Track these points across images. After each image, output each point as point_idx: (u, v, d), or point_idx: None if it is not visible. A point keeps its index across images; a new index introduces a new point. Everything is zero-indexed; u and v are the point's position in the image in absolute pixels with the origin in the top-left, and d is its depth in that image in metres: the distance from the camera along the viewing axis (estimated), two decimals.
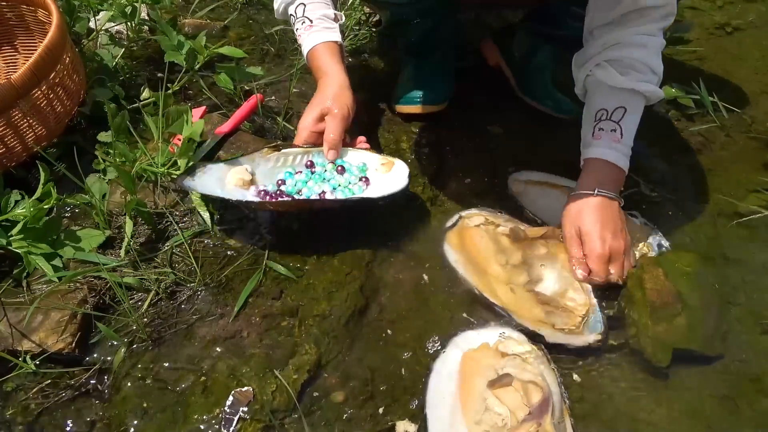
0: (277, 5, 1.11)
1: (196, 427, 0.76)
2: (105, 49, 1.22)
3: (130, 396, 0.79)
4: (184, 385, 0.80)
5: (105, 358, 0.82)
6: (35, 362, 0.78)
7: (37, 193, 0.91)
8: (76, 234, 0.91)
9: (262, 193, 0.97)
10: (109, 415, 0.77)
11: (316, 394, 0.81)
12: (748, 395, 0.85)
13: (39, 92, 0.96)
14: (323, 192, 0.97)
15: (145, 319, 0.86)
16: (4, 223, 0.89)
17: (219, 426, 0.76)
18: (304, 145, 1.01)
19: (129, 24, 1.27)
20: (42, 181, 0.91)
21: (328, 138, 0.99)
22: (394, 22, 1.24)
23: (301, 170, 1.01)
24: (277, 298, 0.90)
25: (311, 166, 1.01)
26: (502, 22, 1.45)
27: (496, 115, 1.28)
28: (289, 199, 0.97)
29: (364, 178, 1.00)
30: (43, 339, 0.80)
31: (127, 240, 0.92)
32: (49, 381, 0.80)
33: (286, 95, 1.25)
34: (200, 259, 0.93)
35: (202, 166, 0.96)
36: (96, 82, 1.14)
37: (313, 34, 1.05)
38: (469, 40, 1.42)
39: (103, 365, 0.82)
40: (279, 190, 0.98)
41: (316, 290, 0.91)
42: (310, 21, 1.05)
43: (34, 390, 0.79)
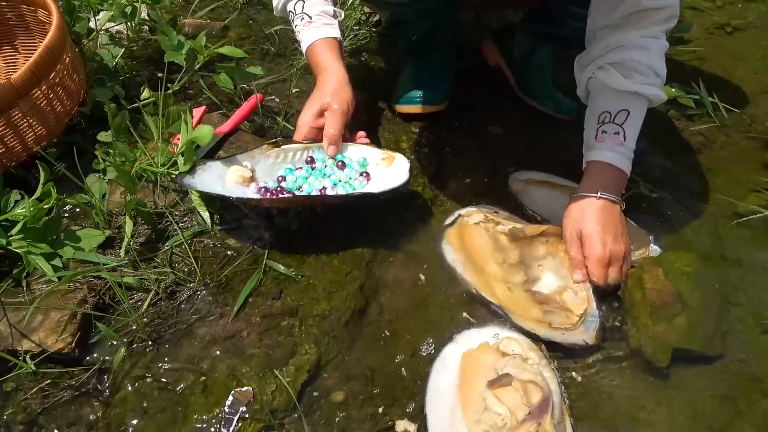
0: (276, 2, 1.10)
1: (196, 427, 0.76)
2: (105, 49, 1.22)
3: (130, 396, 0.79)
4: (184, 385, 0.80)
5: (105, 358, 0.82)
6: (35, 362, 0.78)
7: (37, 193, 0.91)
8: (76, 234, 0.91)
9: (263, 190, 0.96)
10: (109, 415, 0.77)
11: (315, 393, 0.81)
12: (748, 395, 0.85)
13: (39, 92, 0.96)
14: (324, 188, 0.97)
15: (145, 319, 0.86)
16: (4, 223, 0.89)
17: (219, 426, 0.76)
18: (303, 141, 1.01)
19: (129, 24, 1.27)
20: (42, 181, 0.91)
21: (328, 133, 0.99)
22: (394, 22, 1.24)
23: (302, 166, 1.01)
24: (277, 298, 0.90)
25: (311, 161, 1.01)
26: (502, 22, 1.45)
27: (496, 115, 1.28)
28: (290, 196, 0.96)
29: (364, 173, 1.00)
30: (43, 339, 0.80)
31: (126, 240, 0.92)
32: (49, 381, 0.80)
33: (286, 95, 1.25)
34: (200, 258, 0.93)
35: (202, 164, 0.96)
36: (96, 82, 1.14)
37: (312, 30, 1.05)
38: (469, 40, 1.42)
39: (102, 365, 0.82)
40: (279, 187, 0.98)
41: (316, 290, 0.91)
42: (309, 17, 1.05)
43: (34, 390, 0.79)
